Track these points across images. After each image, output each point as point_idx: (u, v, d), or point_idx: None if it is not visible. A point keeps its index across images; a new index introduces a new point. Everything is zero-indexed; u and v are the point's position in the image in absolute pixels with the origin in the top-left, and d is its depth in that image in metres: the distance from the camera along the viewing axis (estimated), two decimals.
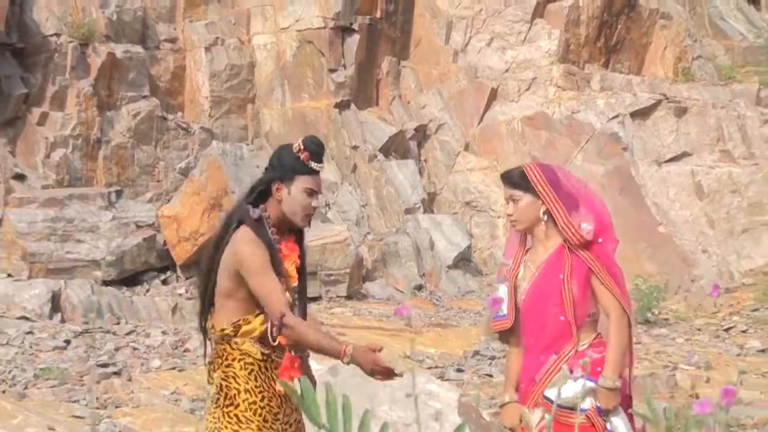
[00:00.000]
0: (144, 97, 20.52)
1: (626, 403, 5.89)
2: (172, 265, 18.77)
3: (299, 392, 2.70)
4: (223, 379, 5.89)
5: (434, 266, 19.73)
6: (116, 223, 18.26)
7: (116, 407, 12.63)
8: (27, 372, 13.84)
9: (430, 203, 21.37)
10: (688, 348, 16.15)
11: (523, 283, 6.06)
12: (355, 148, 20.80)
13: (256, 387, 5.83)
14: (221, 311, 5.94)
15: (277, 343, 5.86)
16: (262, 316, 5.90)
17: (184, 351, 15.18)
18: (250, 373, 5.83)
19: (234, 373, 5.86)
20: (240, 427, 5.82)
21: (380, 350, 5.82)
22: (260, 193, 5.99)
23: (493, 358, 15.21)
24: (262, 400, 5.83)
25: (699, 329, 17.51)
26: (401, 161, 21.27)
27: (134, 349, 15.20)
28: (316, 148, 5.97)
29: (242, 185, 18.80)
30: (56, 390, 13.21)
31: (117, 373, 13.90)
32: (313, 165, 5.91)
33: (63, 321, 16.40)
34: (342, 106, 21.43)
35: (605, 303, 5.83)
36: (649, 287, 17.98)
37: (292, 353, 5.91)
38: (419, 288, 19.22)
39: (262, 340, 5.90)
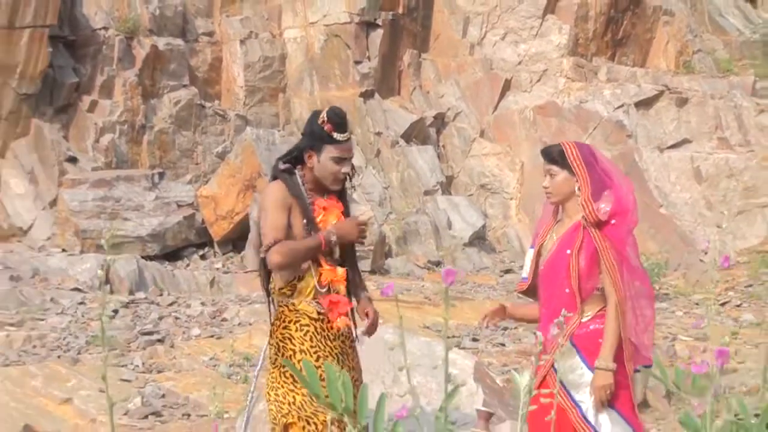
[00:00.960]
0: (184, 86, 20.62)
1: (624, 397, 5.91)
2: (209, 241, 18.91)
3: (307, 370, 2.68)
4: (280, 340, 6.02)
5: (452, 243, 19.63)
6: (159, 203, 18.44)
7: (159, 372, 12.72)
8: (79, 339, 13.92)
9: (447, 186, 21.32)
10: (687, 320, 16.05)
11: (545, 252, 6.15)
12: (378, 134, 20.84)
13: (311, 347, 5.92)
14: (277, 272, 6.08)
15: (326, 290, 5.96)
16: (313, 271, 6.01)
17: (222, 320, 15.21)
18: (305, 335, 5.93)
19: (290, 334, 5.97)
20: (295, 386, 5.91)
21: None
22: (296, 158, 6.13)
23: (505, 328, 15.14)
24: (317, 360, 5.85)
25: (697, 303, 17.47)
26: (421, 147, 21.25)
27: (176, 318, 15.25)
28: (338, 119, 6.10)
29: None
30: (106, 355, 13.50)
31: (160, 341, 13.99)
32: (336, 136, 6.01)
33: (112, 292, 16.36)
34: (366, 95, 21.42)
35: (607, 288, 5.87)
36: (651, 264, 17.95)
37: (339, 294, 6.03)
38: (437, 264, 19.27)
39: (317, 298, 6.01)
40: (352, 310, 6.22)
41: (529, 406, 6.14)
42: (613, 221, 5.95)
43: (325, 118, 6.07)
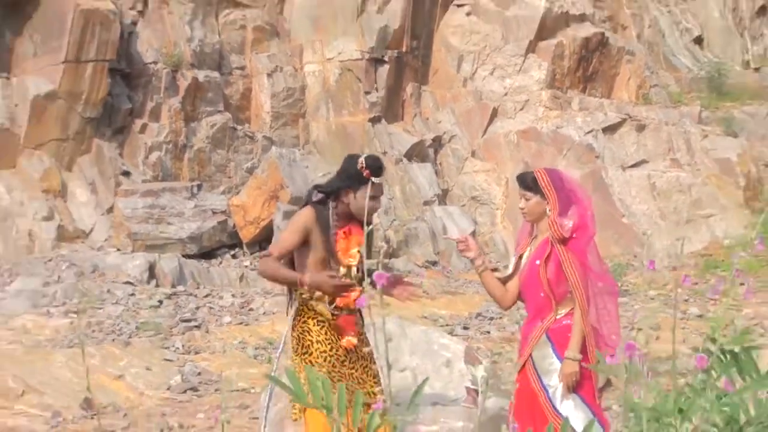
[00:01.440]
0: (219, 112, 20.56)
1: (588, 386, 5.87)
2: (239, 243, 18.87)
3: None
4: (300, 333, 6.07)
5: (446, 247, 19.58)
6: (197, 210, 18.43)
7: (197, 353, 12.82)
8: (130, 325, 14.01)
9: (443, 197, 21.28)
10: (644, 312, 16.22)
11: (523, 262, 6.13)
12: (384, 153, 20.63)
13: (326, 339, 5.98)
14: None
15: (334, 306, 5.99)
16: None
17: (249, 310, 15.29)
18: (321, 328, 5.99)
19: (309, 328, 6.02)
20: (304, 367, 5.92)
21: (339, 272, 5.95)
22: (330, 192, 6.14)
23: (491, 318, 15.24)
24: (331, 350, 5.96)
25: (652, 298, 17.47)
26: (421, 164, 21.25)
27: (210, 308, 15.35)
28: (375, 165, 6.15)
29: (294, 182, 19.04)
30: (152, 339, 13.38)
31: (197, 327, 14.11)
32: (373, 179, 6.05)
33: (157, 285, 16.53)
34: (374, 120, 21.40)
35: (572, 292, 5.85)
36: (614, 265, 18.00)
37: (346, 314, 6.05)
38: (434, 263, 19.25)
39: (331, 301, 6.04)
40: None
41: (515, 384, 6.28)
42: (574, 235, 5.93)
43: (364, 165, 6.10)
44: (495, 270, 6.85)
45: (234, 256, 18.62)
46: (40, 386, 11.24)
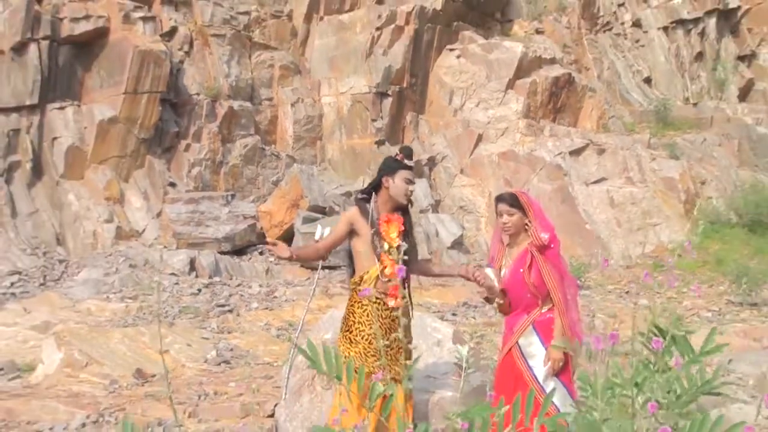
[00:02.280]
0: (250, 135, 20.62)
1: (566, 371, 5.76)
2: (266, 242, 18.83)
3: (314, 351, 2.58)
4: (347, 314, 6.02)
5: (438, 247, 19.62)
6: (231, 215, 18.45)
7: (229, 333, 12.83)
8: (174, 309, 14.07)
9: (436, 207, 21.26)
10: (603, 303, 16.13)
11: (504, 268, 5.98)
12: None
13: (366, 320, 5.88)
14: (356, 268, 6.09)
15: (387, 279, 5.84)
16: (376, 266, 5.92)
17: (273, 297, 15.26)
18: (363, 311, 5.89)
19: (353, 310, 5.95)
20: (350, 346, 5.92)
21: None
22: (374, 188, 6.03)
23: (476, 307, 15.23)
24: (369, 328, 5.86)
25: (609, 292, 17.47)
26: (418, 179, 21.00)
27: (241, 295, 15.36)
28: (408, 152, 6.04)
29: (312, 192, 19.05)
30: (192, 321, 13.41)
31: (230, 311, 14.12)
32: (407, 162, 5.97)
33: (197, 276, 16.57)
34: (379, 143, 21.43)
35: (550, 294, 5.76)
36: (578, 264, 18.06)
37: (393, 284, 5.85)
38: (428, 261, 19.26)
39: (378, 285, 5.89)
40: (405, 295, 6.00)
41: (497, 365, 6.17)
42: (551, 245, 5.83)
43: (399, 152, 6.07)
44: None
45: (261, 253, 18.52)
46: (101, 359, 11.22)
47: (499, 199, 6.03)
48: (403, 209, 6.07)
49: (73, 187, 18.27)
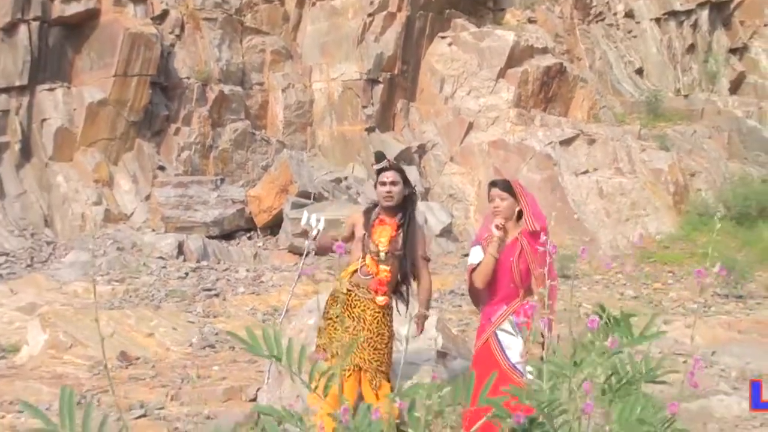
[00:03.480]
0: (241, 119, 20.59)
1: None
2: (254, 227, 18.87)
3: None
4: (326, 303, 6.23)
5: (427, 234, 19.49)
6: (219, 199, 18.46)
7: (215, 317, 12.85)
8: (161, 292, 14.08)
9: (426, 194, 21.18)
10: (590, 293, 16.18)
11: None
12: None
13: (334, 310, 6.02)
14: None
15: (369, 277, 6.04)
16: (357, 262, 6.10)
17: (260, 282, 15.26)
18: (334, 302, 6.07)
19: (327, 301, 6.20)
20: (320, 334, 6.10)
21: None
22: None
23: (462, 294, 15.14)
24: (335, 317, 5.99)
25: (597, 281, 17.55)
26: (408, 167, 20.68)
27: (228, 280, 15.34)
28: (379, 156, 6.24)
29: (302, 178, 19.02)
30: (178, 304, 13.42)
31: (216, 295, 14.14)
32: (375, 167, 6.20)
33: (184, 260, 16.56)
34: (370, 130, 21.43)
35: (537, 282, 5.67)
36: (568, 253, 18.13)
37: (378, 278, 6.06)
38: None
39: (353, 279, 6.08)
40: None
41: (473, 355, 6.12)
42: (543, 235, 5.52)
43: (373, 160, 6.32)
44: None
45: (249, 238, 18.61)
46: (85, 340, 11.23)
47: (493, 184, 6.04)
48: (403, 215, 6.15)
49: (61, 169, 18.25)
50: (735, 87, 26.79)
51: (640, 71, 25.78)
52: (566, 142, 21.54)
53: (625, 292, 17.03)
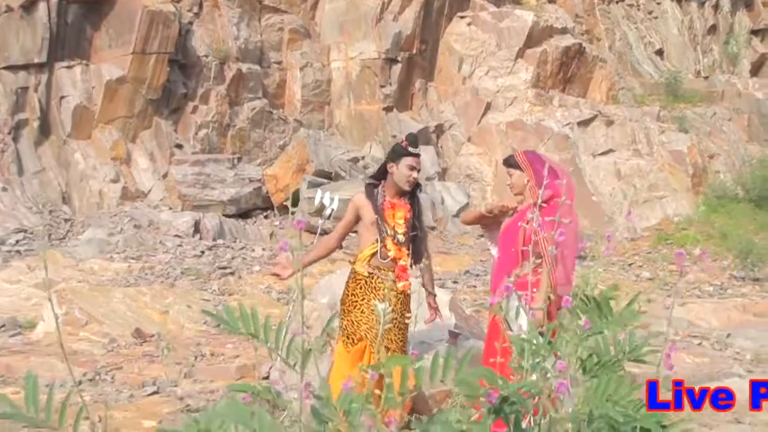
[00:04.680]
0: (258, 98, 20.56)
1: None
2: (271, 206, 18.86)
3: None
4: (345, 287, 6.22)
5: (443, 215, 19.60)
6: (237, 178, 18.50)
7: (230, 295, 12.86)
8: (176, 270, 14.10)
9: (443, 175, 21.24)
10: (605, 275, 16.20)
11: (508, 219, 6.06)
12: (394, 136, 20.62)
13: (359, 292, 6.06)
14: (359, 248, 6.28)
15: (387, 259, 6.02)
16: (372, 246, 6.09)
17: (275, 261, 15.29)
18: (356, 285, 6.08)
19: (348, 284, 6.16)
20: (344, 315, 6.12)
21: None
22: (383, 173, 6.17)
23: (477, 275, 15.20)
24: (362, 300, 6.04)
25: (613, 263, 17.53)
26: (425, 146, 20.65)
27: (243, 258, 15.38)
28: (413, 139, 6.13)
29: (318, 157, 19.04)
30: (194, 282, 13.45)
31: (232, 273, 14.15)
32: (411, 149, 6.05)
33: (201, 238, 16.60)
34: (387, 109, 21.39)
35: (541, 255, 5.70)
36: (584, 235, 18.11)
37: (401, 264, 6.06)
38: (433, 228, 19.23)
39: (371, 262, 6.09)
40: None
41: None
42: (550, 203, 5.57)
43: (404, 139, 6.14)
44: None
45: (266, 217, 18.64)
46: (101, 317, 11.31)
47: (503, 162, 6.18)
48: (410, 194, 6.16)
49: (79, 147, 18.32)
50: (756, 69, 26.62)
51: (660, 52, 25.65)
52: (584, 123, 21.50)
53: (641, 273, 17.02)
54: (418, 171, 6.16)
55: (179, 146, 19.02)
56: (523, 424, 2.21)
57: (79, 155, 18.19)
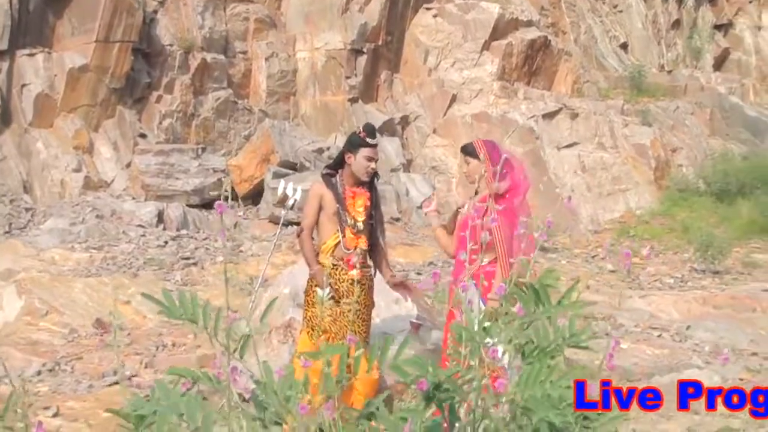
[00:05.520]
0: (223, 88, 20.43)
1: None
2: (235, 197, 18.55)
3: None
4: (308, 279, 6.26)
5: (408, 206, 19.68)
6: (200, 168, 18.39)
7: (193, 285, 12.73)
8: (139, 260, 14.00)
9: (408, 166, 21.25)
10: (569, 267, 16.35)
11: (463, 213, 6.17)
12: (359, 128, 20.93)
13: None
14: (319, 238, 6.30)
15: (351, 251, 6.08)
16: (335, 236, 6.13)
17: (239, 251, 15.24)
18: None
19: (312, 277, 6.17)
20: (308, 307, 6.18)
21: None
22: (339, 163, 6.23)
23: (442, 267, 15.14)
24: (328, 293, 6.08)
25: (576, 256, 17.66)
26: (390, 138, 21.11)
27: (206, 249, 15.30)
28: (370, 129, 6.25)
29: (283, 148, 19.02)
30: (156, 272, 13.39)
31: (195, 264, 14.08)
32: (369, 140, 6.12)
33: (164, 229, 16.51)
34: (353, 100, 21.33)
35: (495, 247, 5.79)
36: (547, 227, 18.21)
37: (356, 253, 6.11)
38: (397, 220, 19.26)
39: (335, 253, 6.12)
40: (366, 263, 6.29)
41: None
42: (507, 195, 5.89)
43: (361, 129, 6.22)
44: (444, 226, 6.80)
45: (231, 207, 18.48)
46: (61, 308, 11.28)
47: (461, 149, 6.28)
48: (368, 184, 6.23)
49: (41, 135, 18.13)
50: (719, 63, 26.87)
51: (624, 46, 25.83)
52: (549, 116, 21.57)
53: (604, 266, 17.13)
54: (376, 161, 6.23)
55: (143, 136, 18.87)
56: (461, 414, 2.22)
57: (41, 144, 18.02)
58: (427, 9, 23.03)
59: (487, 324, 2.41)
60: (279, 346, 7.79)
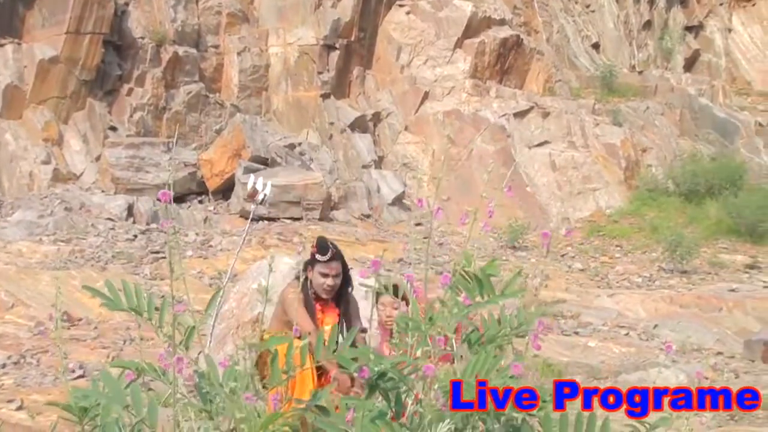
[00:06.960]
0: (195, 82, 20.36)
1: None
2: (206, 191, 18.80)
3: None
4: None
5: (379, 203, 19.67)
6: (171, 162, 18.48)
7: (161, 279, 12.84)
8: (108, 253, 14.00)
9: (379, 163, 21.20)
10: (540, 266, 16.44)
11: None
12: (331, 124, 20.79)
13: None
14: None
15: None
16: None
17: (209, 246, 15.22)
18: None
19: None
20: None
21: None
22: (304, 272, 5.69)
23: (410, 264, 15.31)
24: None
25: (545, 255, 17.72)
26: (362, 134, 21.14)
27: (176, 243, 15.38)
28: (322, 244, 5.68)
29: (255, 142, 18.96)
30: (125, 266, 13.41)
31: (164, 258, 13.77)
32: (318, 257, 5.60)
33: (134, 222, 16.44)
34: (325, 96, 21.26)
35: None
36: (518, 226, 18.22)
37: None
38: (368, 216, 19.30)
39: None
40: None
41: None
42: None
43: (314, 244, 5.74)
44: None
45: (200, 202, 18.58)
46: (28, 300, 11.22)
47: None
48: (337, 299, 5.77)
49: (10, 127, 18.01)
50: (689, 65, 27.05)
51: (596, 46, 25.93)
52: (520, 115, 21.63)
53: (573, 264, 17.21)
54: (334, 276, 5.69)
55: (113, 129, 18.79)
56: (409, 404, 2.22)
57: (10, 136, 17.89)
58: (400, 6, 23.01)
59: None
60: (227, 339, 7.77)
